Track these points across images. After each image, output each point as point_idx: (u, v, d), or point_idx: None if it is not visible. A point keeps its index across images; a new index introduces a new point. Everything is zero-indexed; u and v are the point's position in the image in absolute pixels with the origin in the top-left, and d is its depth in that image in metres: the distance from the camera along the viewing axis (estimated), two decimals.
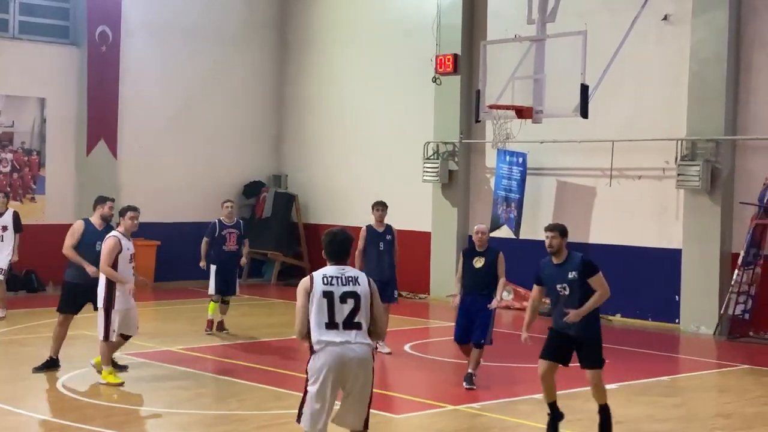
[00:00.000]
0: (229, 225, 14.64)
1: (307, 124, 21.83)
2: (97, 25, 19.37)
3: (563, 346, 8.98)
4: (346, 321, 6.67)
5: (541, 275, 9.28)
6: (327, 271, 6.84)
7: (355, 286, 6.74)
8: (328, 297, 6.69)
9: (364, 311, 6.72)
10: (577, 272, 8.90)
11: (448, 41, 18.52)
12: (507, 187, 17.75)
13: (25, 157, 18.98)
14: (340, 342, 6.64)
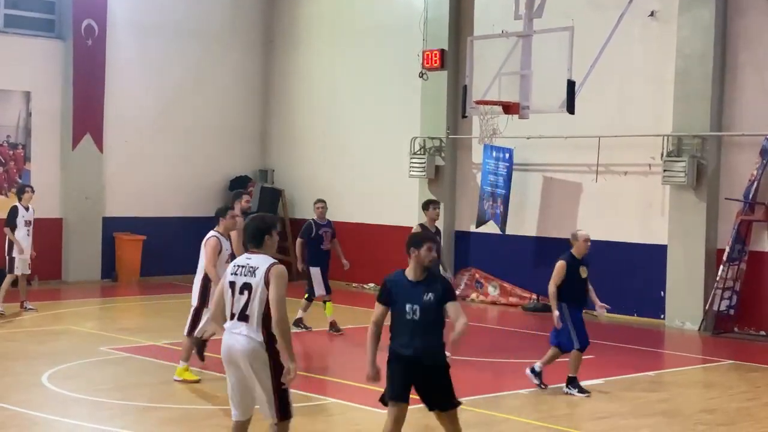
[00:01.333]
0: (323, 224, 14.55)
1: (293, 120, 21.80)
2: (83, 19, 19.30)
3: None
4: (240, 312, 6.67)
5: None
6: (238, 260, 6.87)
7: (251, 278, 6.67)
8: (232, 287, 6.73)
9: (256, 303, 6.62)
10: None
11: (434, 37, 18.51)
12: (493, 183, 17.77)
13: (10, 151, 18.90)
14: (231, 332, 6.71)
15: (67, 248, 19.41)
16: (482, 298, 18.16)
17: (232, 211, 11.08)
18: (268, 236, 6.82)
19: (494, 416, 9.64)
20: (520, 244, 17.82)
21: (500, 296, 17.96)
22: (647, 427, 9.61)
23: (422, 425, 9.47)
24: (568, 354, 10.64)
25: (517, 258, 17.91)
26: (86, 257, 19.44)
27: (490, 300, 17.97)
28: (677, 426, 9.59)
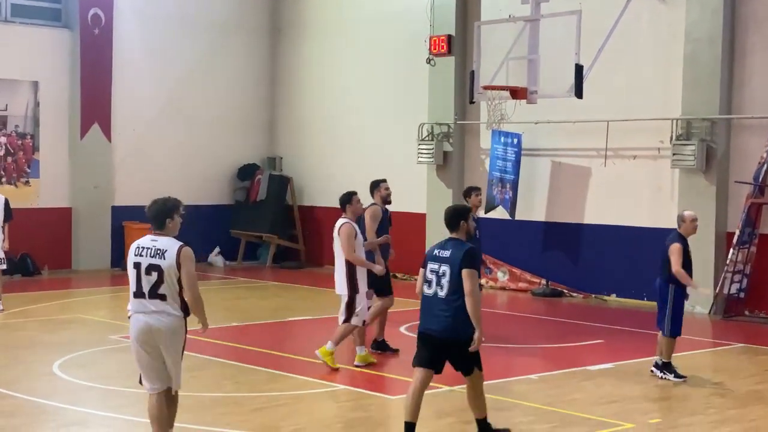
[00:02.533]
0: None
1: (301, 107, 21.78)
2: (90, 8, 19.29)
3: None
4: (151, 291, 7.03)
5: None
6: (141, 241, 7.15)
7: (160, 260, 6.98)
8: (137, 268, 7.06)
9: (170, 283, 7.01)
10: None
11: (441, 22, 18.45)
12: (502, 168, 17.74)
13: (18, 140, 18.93)
14: (148, 312, 7.07)
15: (77, 237, 19.45)
16: (491, 284, 18.14)
17: (356, 196, 11.12)
18: (169, 219, 7.12)
19: (503, 401, 9.64)
20: (529, 230, 17.79)
21: (509, 281, 17.94)
22: (657, 410, 9.61)
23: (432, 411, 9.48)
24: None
25: (526, 243, 17.89)
26: (96, 246, 19.49)
27: (500, 285, 17.95)
28: (687, 409, 9.58)
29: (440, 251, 7.82)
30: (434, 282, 7.78)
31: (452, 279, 7.65)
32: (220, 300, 17.00)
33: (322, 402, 9.68)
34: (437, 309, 7.74)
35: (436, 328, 7.75)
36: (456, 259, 7.66)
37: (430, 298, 7.82)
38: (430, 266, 7.81)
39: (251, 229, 21.41)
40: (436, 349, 7.82)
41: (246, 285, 18.64)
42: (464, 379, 8.01)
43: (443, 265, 7.72)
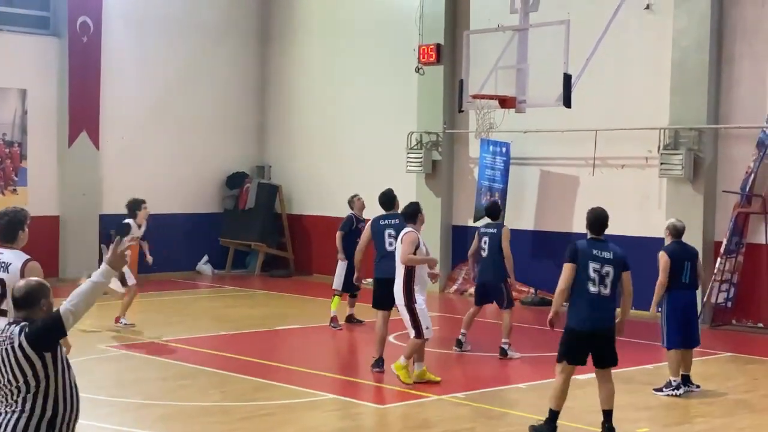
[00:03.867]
0: (362, 219, 14.25)
1: (290, 115, 21.77)
2: (78, 16, 19.23)
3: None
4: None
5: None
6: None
7: (5, 273, 6.59)
8: None
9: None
10: None
11: (430, 31, 18.48)
12: (491, 177, 17.76)
13: (6, 149, 18.85)
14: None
15: (64, 246, 19.38)
16: None
17: (422, 215, 10.78)
18: (21, 231, 6.83)
19: (492, 410, 9.64)
20: (517, 238, 17.70)
21: None
22: (645, 419, 9.61)
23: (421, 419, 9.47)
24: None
25: (514, 252, 17.73)
26: (83, 255, 19.39)
27: None
28: (676, 418, 9.59)
29: (601, 252, 8.43)
30: (597, 281, 8.38)
31: (614, 279, 8.38)
32: (209, 308, 16.97)
33: (310, 411, 9.66)
34: (606, 307, 8.42)
35: (608, 325, 8.46)
36: (619, 261, 8.46)
37: (597, 297, 8.40)
38: (592, 265, 8.38)
39: (240, 237, 21.38)
40: (596, 346, 8.49)
41: (234, 293, 18.60)
42: (598, 373, 8.62)
43: (606, 265, 8.40)
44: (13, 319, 5.23)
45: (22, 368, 5.00)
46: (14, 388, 5.02)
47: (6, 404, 5.07)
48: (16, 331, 5.05)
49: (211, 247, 21.33)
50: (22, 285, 5.28)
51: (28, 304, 5.19)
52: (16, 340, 5.02)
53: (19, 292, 5.23)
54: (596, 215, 8.70)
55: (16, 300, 5.23)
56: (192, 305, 17.15)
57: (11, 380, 5.03)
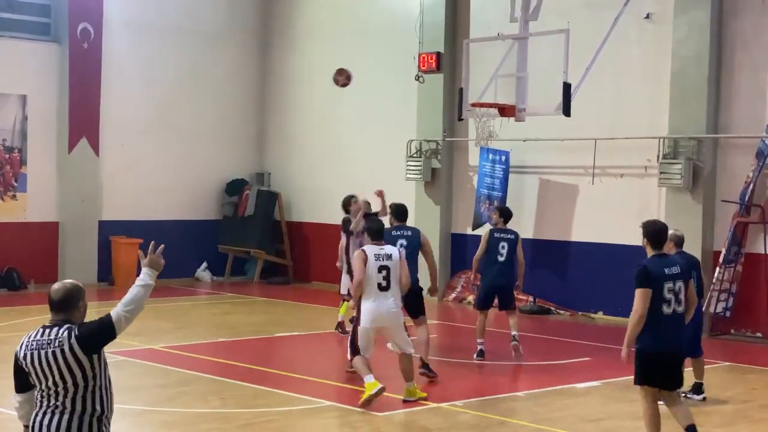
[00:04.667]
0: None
1: (289, 122, 21.79)
2: (79, 22, 19.27)
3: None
4: None
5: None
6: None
7: None
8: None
9: None
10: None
11: (431, 39, 18.52)
12: (490, 185, 17.78)
13: (6, 154, 18.88)
14: None
15: (63, 252, 19.39)
16: None
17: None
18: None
19: (490, 419, 9.64)
20: None
21: None
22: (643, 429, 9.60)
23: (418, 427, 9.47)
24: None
25: None
26: (82, 261, 19.41)
27: None
28: (674, 428, 9.59)
29: (670, 268, 7.98)
30: (673, 300, 7.92)
31: (684, 292, 7.99)
32: (207, 315, 16.98)
33: (309, 418, 9.66)
34: (680, 325, 8.01)
35: (682, 345, 8.18)
36: (685, 271, 8.10)
37: (672, 316, 7.92)
38: (666, 286, 7.89)
39: (239, 244, 21.39)
40: (670, 366, 8.07)
41: (233, 300, 18.60)
42: (665, 394, 8.17)
43: (677, 281, 7.97)
44: (51, 321, 5.29)
45: (71, 370, 5.13)
46: (61, 389, 5.14)
47: (48, 404, 5.17)
48: (64, 335, 5.15)
49: (210, 254, 21.34)
50: (59, 287, 5.35)
51: (67, 306, 5.30)
52: (66, 343, 5.12)
53: (56, 294, 5.31)
54: (658, 228, 8.20)
55: (54, 302, 5.30)
56: (191, 312, 17.15)
57: (58, 381, 5.13)
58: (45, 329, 5.27)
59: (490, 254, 12.75)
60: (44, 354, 5.15)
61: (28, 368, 5.20)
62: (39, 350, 5.17)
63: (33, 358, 5.18)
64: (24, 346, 5.25)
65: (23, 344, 5.26)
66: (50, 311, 5.34)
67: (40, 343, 5.19)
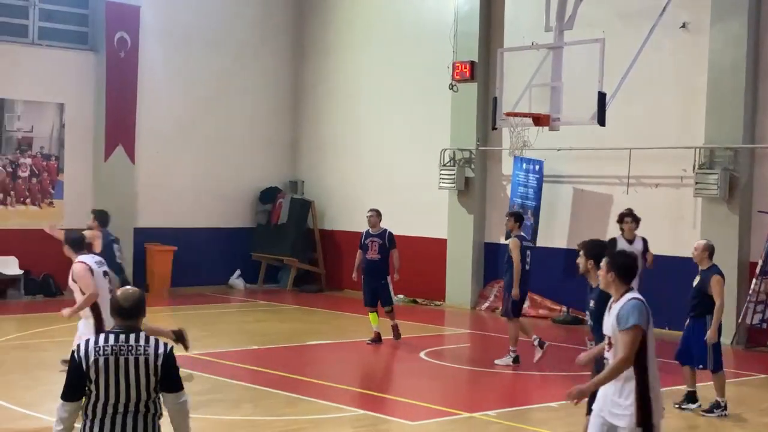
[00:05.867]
0: (372, 234, 14.27)
1: (323, 131, 21.86)
2: (116, 31, 19.47)
3: None
4: None
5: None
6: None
7: None
8: None
9: None
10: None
11: (465, 48, 18.52)
12: (523, 195, 17.73)
13: (43, 162, 19.08)
14: None
15: None
16: None
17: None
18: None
19: (522, 428, 9.60)
20: (550, 257, 17.74)
21: (530, 308, 17.85)
22: None
23: None
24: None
25: (546, 270, 17.81)
26: None
27: None
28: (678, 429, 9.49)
29: None
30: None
31: None
32: (240, 323, 17.04)
33: (340, 427, 9.66)
34: None
35: None
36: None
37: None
38: None
39: (272, 252, 21.46)
40: None
41: (266, 308, 18.66)
42: None
43: None
44: (120, 327, 5.36)
45: (148, 377, 5.29)
46: (134, 393, 5.27)
47: (117, 409, 5.26)
48: (152, 345, 5.32)
49: (244, 262, 21.43)
50: (129, 295, 5.43)
51: (137, 313, 5.41)
52: (153, 353, 5.30)
53: (127, 301, 5.39)
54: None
55: (125, 309, 5.37)
56: (224, 319, 17.23)
57: (132, 385, 5.25)
58: (117, 335, 5.31)
59: (523, 265, 12.79)
60: (123, 360, 5.23)
61: (97, 373, 5.23)
62: (117, 355, 5.24)
63: (108, 363, 5.22)
64: (93, 351, 5.25)
65: (90, 349, 5.27)
66: (117, 317, 5.39)
67: (116, 349, 5.25)
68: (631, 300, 6.22)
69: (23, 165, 18.84)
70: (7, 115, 18.61)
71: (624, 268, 6.34)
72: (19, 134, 18.78)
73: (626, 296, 6.26)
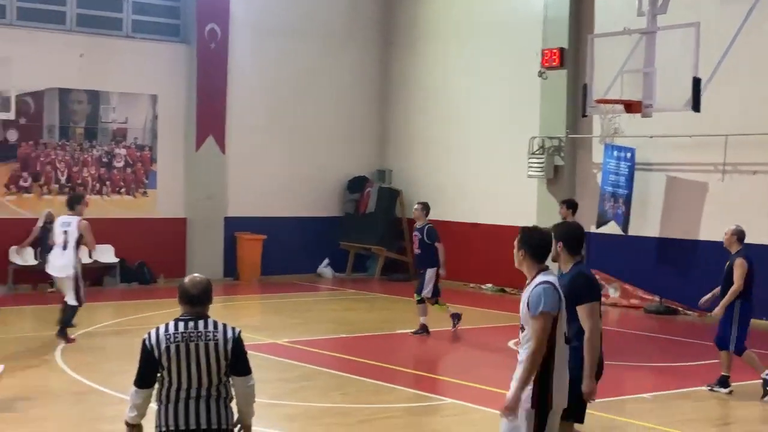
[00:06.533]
0: (416, 228, 14.38)
1: (411, 120, 21.84)
2: (207, 23, 19.74)
3: None
4: None
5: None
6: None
7: None
8: None
9: None
10: None
11: (554, 35, 18.29)
12: (614, 183, 17.44)
13: (137, 152, 19.47)
14: None
15: (191, 247, 19.88)
16: (602, 300, 17.83)
17: None
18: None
19: (615, 420, 9.46)
20: (642, 245, 17.44)
21: (621, 298, 17.60)
22: None
23: None
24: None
25: (639, 259, 17.53)
26: (209, 256, 19.88)
27: (611, 302, 17.63)
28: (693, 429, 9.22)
29: None
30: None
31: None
32: (329, 311, 17.15)
33: (428, 415, 9.65)
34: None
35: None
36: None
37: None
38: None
39: (360, 241, 21.55)
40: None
41: (354, 297, 18.75)
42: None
43: None
44: (188, 314, 5.44)
45: (219, 361, 5.35)
46: (205, 378, 5.33)
47: (189, 393, 5.33)
48: (220, 330, 5.40)
49: (332, 251, 21.56)
50: (197, 282, 5.51)
51: (205, 299, 5.50)
52: (222, 338, 5.38)
53: (195, 288, 5.46)
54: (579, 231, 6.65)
55: (193, 296, 5.45)
56: (313, 308, 17.36)
57: (203, 370, 5.32)
58: (186, 322, 5.40)
59: None
60: (194, 346, 5.31)
61: (169, 360, 5.32)
62: (188, 342, 5.32)
63: (179, 349, 5.31)
64: (164, 339, 5.35)
65: (160, 337, 5.36)
66: (185, 304, 5.45)
67: (186, 336, 5.33)
68: (540, 285, 5.75)
69: (118, 155, 19.25)
70: (102, 107, 19.03)
71: (536, 246, 5.89)
72: (114, 125, 19.19)
73: (537, 279, 5.81)
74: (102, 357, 12.26)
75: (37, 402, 9.70)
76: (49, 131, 18.54)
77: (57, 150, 18.61)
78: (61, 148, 18.66)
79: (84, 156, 18.90)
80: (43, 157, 18.46)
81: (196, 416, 5.31)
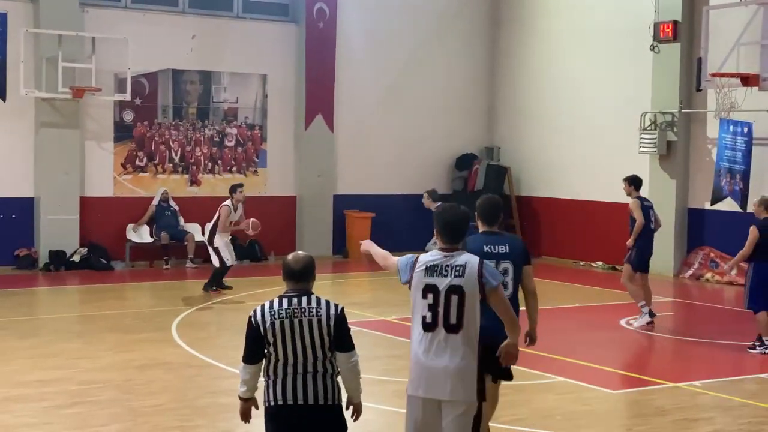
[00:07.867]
0: None
1: (519, 96, 21.63)
2: (315, 2, 19.89)
3: None
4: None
5: None
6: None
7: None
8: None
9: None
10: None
11: (667, 7, 17.85)
12: (731, 158, 16.95)
13: (248, 131, 19.79)
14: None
15: (301, 225, 20.15)
16: (717, 278, 17.43)
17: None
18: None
19: (732, 400, 9.25)
20: None
21: (738, 276, 17.14)
22: None
23: (654, 407, 9.22)
24: None
25: None
26: (319, 233, 20.12)
27: (727, 280, 17.20)
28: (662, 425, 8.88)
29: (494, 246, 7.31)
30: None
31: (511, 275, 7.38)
32: None
33: (541, 393, 9.60)
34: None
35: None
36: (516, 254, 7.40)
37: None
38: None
39: None
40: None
41: None
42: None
43: (502, 262, 7.28)
44: (292, 291, 5.56)
45: (322, 337, 5.46)
46: (310, 354, 5.44)
47: (296, 369, 5.44)
48: (323, 306, 5.49)
49: None
50: (300, 258, 5.64)
51: (308, 275, 5.62)
52: (324, 314, 5.47)
53: (297, 264, 5.60)
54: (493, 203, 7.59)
55: (296, 272, 5.58)
56: None
57: (308, 346, 5.43)
58: (290, 298, 5.51)
59: (648, 223, 13.09)
60: (298, 322, 5.42)
61: (274, 336, 5.43)
62: (292, 318, 5.43)
63: (284, 326, 5.42)
64: (269, 315, 5.48)
65: (265, 313, 5.49)
66: (288, 281, 5.58)
67: (290, 312, 5.44)
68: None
69: (229, 135, 19.60)
70: (214, 87, 19.40)
71: (444, 224, 6.46)
72: (225, 105, 19.54)
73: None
74: (215, 332, 12.56)
75: (154, 374, 9.99)
76: (163, 111, 18.99)
77: (171, 130, 19.06)
78: (174, 128, 19.10)
79: (196, 135, 19.31)
80: (157, 137, 18.93)
81: (304, 391, 5.41)
